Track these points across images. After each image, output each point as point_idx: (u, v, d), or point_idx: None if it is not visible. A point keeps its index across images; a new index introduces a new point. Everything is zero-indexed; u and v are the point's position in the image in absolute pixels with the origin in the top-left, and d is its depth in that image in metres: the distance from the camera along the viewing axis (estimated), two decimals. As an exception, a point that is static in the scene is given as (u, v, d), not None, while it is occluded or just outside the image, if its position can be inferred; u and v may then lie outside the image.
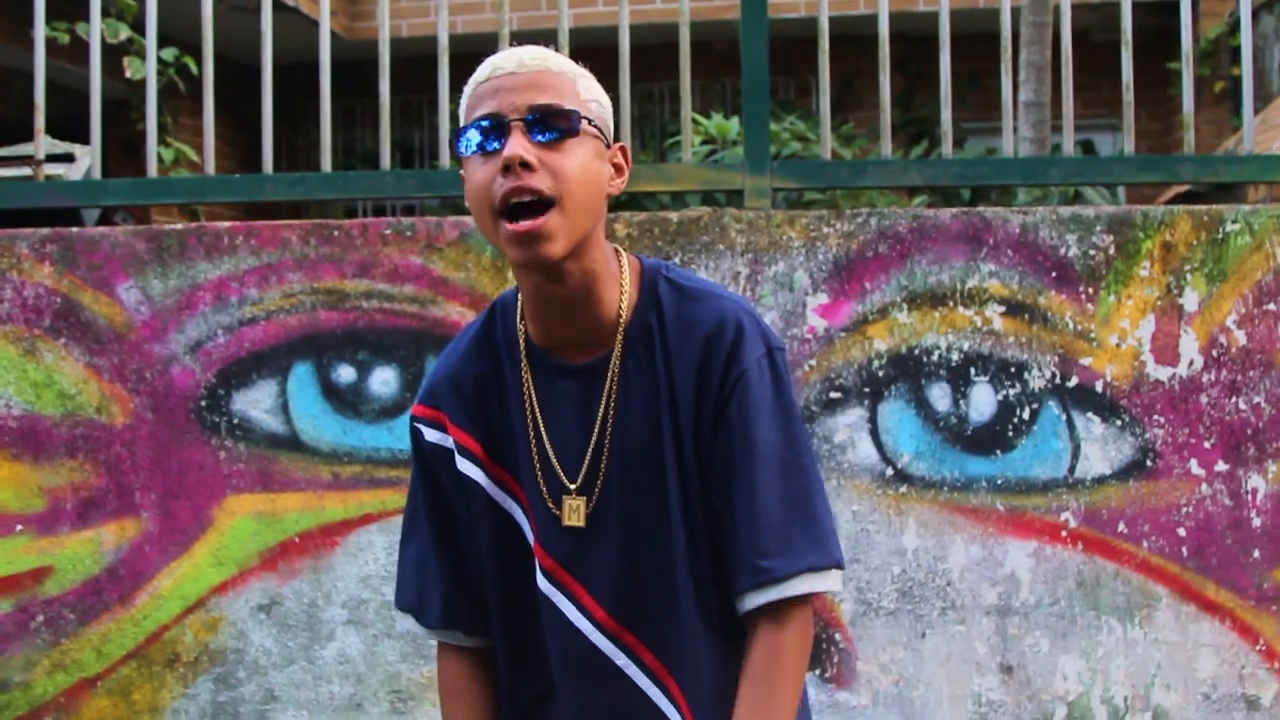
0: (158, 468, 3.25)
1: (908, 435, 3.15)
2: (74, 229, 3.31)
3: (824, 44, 3.29)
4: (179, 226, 3.28)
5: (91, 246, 3.26)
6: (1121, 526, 3.13)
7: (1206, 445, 3.13)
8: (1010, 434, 3.14)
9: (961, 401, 3.15)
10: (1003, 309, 3.15)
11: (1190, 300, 3.14)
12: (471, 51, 5.06)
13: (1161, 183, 3.40)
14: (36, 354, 3.26)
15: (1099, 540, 3.13)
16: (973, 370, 3.16)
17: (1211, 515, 3.13)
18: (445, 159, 3.53)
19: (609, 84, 3.39)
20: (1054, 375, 3.15)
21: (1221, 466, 3.13)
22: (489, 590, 1.76)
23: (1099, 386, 3.14)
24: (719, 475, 1.64)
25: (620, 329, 1.66)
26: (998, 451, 3.15)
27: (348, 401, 3.24)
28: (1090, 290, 3.15)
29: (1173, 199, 6.53)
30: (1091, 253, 3.15)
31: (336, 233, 3.24)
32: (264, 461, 3.24)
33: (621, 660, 1.67)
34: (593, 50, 4.92)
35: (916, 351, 3.16)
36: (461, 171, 1.68)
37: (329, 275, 3.24)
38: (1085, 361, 3.15)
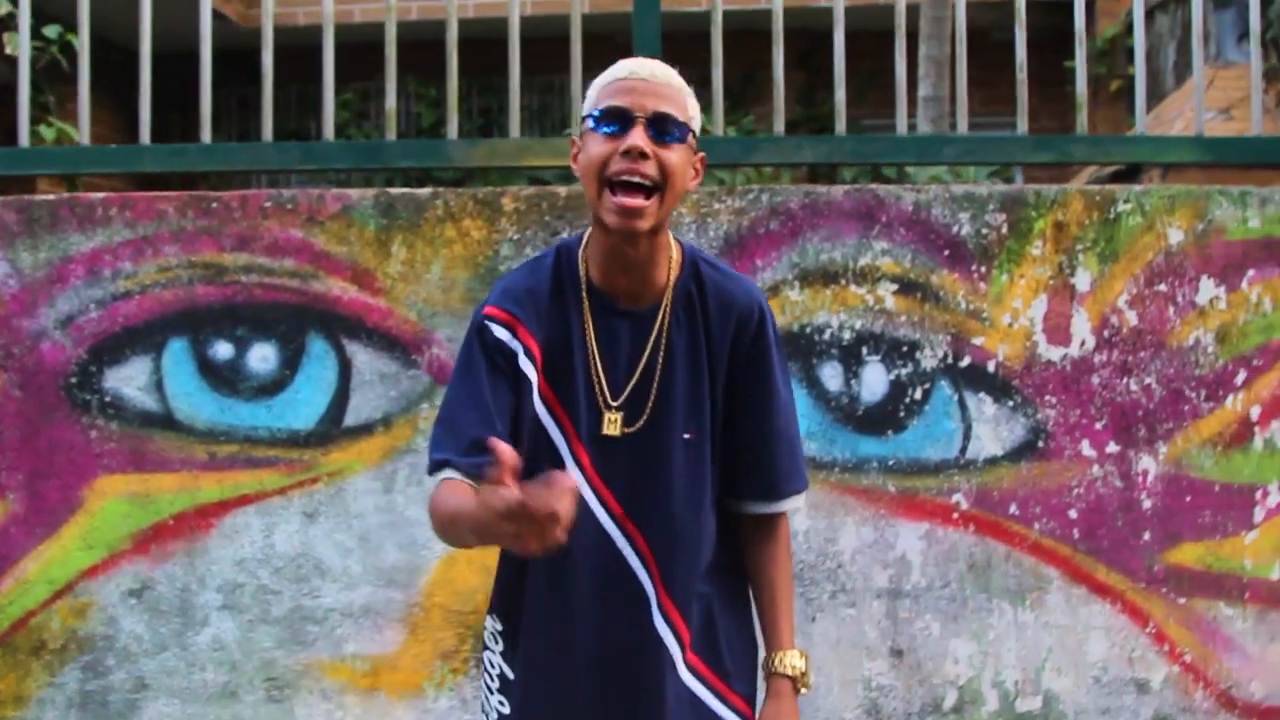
0: (25, 446, 3.13)
1: (799, 415, 3.09)
2: (-60, 199, 3.18)
3: (717, 17, 3.25)
4: (50, 197, 3.16)
5: (-42, 217, 3.14)
6: (1013, 508, 3.09)
7: (1098, 426, 3.10)
8: (902, 414, 3.10)
9: (853, 381, 3.11)
10: (895, 287, 3.11)
11: (1082, 280, 3.12)
12: (368, 40, 4.93)
13: (1056, 164, 3.37)
14: (-101, 328, 3.14)
15: (990, 522, 3.09)
16: (865, 349, 3.11)
17: (1102, 497, 3.10)
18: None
19: (502, 72, 3.33)
20: (946, 355, 3.11)
21: (1113, 448, 3.10)
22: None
23: (991, 366, 3.11)
24: (748, 414, 2.09)
25: (669, 289, 2.05)
26: (889, 432, 3.11)
27: (225, 379, 3.14)
28: (983, 269, 3.12)
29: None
30: (984, 231, 3.12)
31: (215, 205, 3.14)
32: (137, 440, 3.13)
33: (620, 541, 2.03)
34: (486, 42, 4.83)
35: (808, 330, 3.11)
36: (574, 138, 2.06)
37: (206, 248, 3.14)
38: (977, 341, 3.11)
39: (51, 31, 5.07)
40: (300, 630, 3.10)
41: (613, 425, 2.03)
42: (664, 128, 1.95)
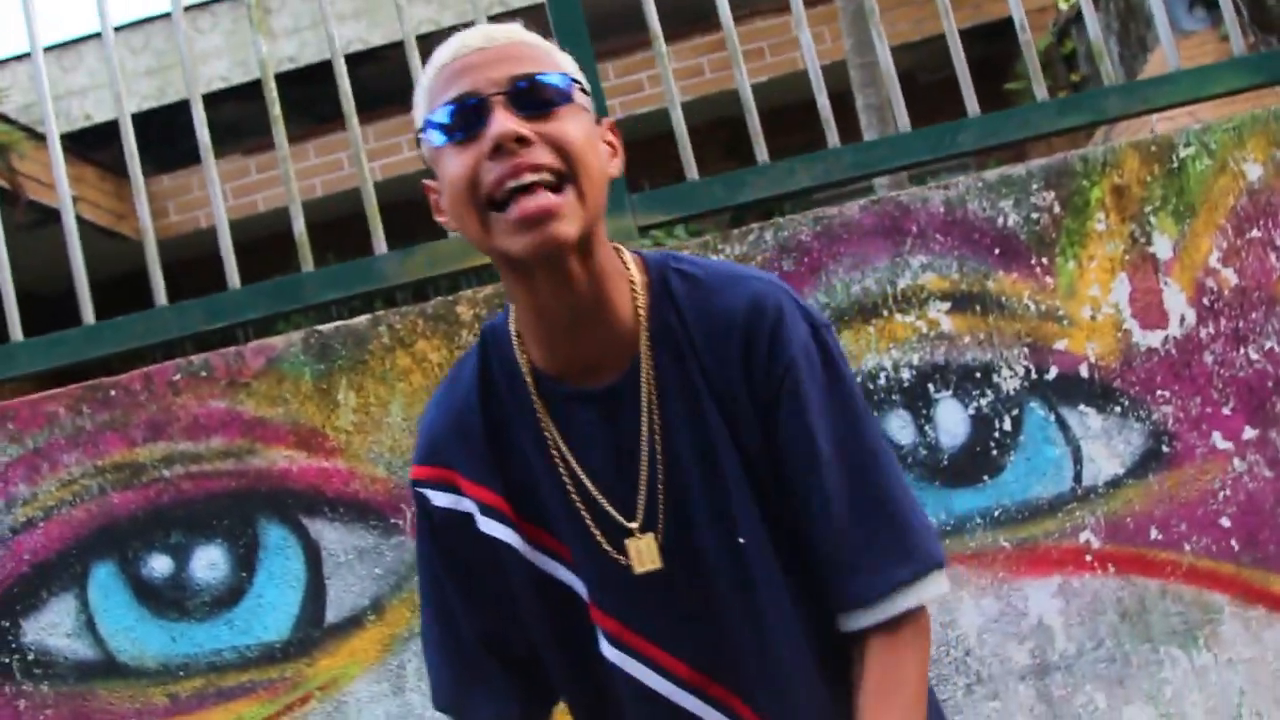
0: (-62, 742, 2.48)
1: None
2: None
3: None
4: (-92, 428, 2.56)
5: None
6: (1154, 533, 2.53)
7: (1226, 411, 2.56)
8: (994, 452, 2.54)
9: (926, 427, 2.55)
10: (947, 305, 2.57)
11: (1162, 247, 2.60)
12: (275, 230, 4.40)
13: (1089, 125, 2.88)
14: None
15: (1132, 556, 2.52)
16: (931, 386, 2.56)
17: (1254, 494, 2.54)
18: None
19: (413, 236, 2.81)
20: (1028, 371, 2.56)
21: (1250, 433, 2.56)
22: (551, 669, 1.54)
23: (1084, 371, 2.56)
24: (792, 480, 1.44)
25: (643, 338, 1.44)
26: (985, 477, 2.54)
27: (169, 600, 2.52)
28: (1044, 261, 2.59)
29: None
30: (1035, 216, 2.59)
31: (113, 392, 2.55)
32: (77, 700, 2.49)
33: (713, 717, 1.47)
34: (396, 205, 4.36)
35: (859, 378, 2.55)
36: (426, 183, 1.49)
37: (114, 447, 2.54)
38: (1060, 345, 2.57)
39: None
40: None
41: (647, 556, 1.43)
42: (534, 94, 1.37)
